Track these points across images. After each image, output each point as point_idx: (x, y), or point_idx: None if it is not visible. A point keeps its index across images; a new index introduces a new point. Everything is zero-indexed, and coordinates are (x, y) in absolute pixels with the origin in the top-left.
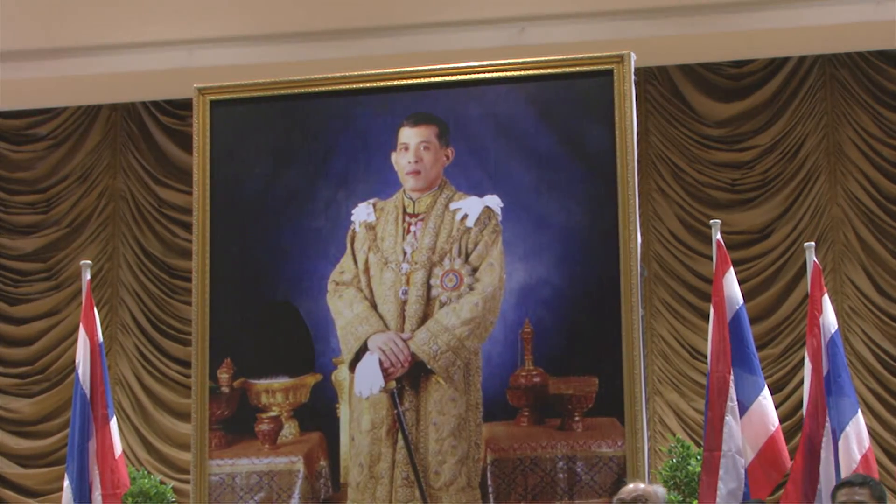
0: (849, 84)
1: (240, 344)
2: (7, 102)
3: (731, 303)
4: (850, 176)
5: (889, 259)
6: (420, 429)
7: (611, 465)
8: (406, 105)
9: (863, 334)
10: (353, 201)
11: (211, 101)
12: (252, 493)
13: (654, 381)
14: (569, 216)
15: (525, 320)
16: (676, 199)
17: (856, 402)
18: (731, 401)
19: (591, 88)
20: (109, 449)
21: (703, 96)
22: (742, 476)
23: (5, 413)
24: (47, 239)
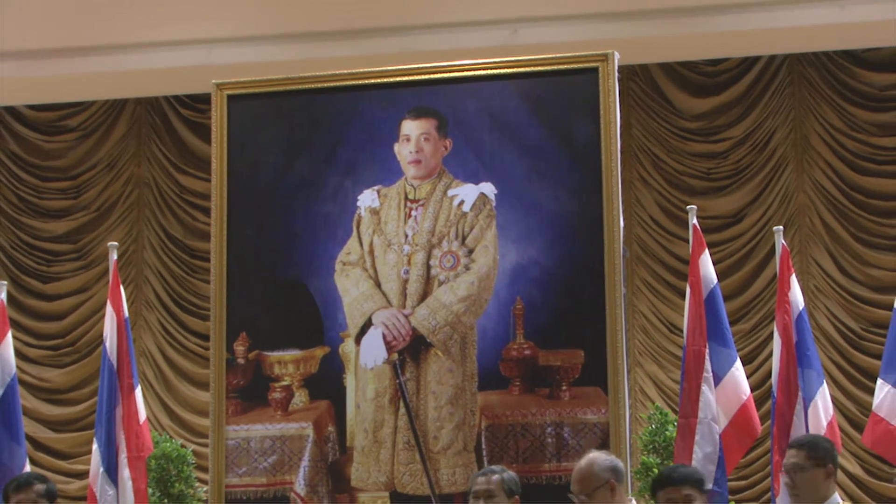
0: (815, 81)
1: (255, 319)
2: (40, 97)
3: (706, 282)
4: (816, 166)
5: (851, 242)
6: (420, 397)
7: (595, 430)
8: (408, 100)
9: (827, 311)
10: (358, 188)
11: (228, 95)
12: (265, 457)
13: (636, 354)
14: (557, 202)
15: (517, 298)
16: (656, 186)
17: (821, 374)
18: (707, 372)
19: (578, 85)
20: (134, 415)
21: (680, 92)
22: (717, 441)
23: (39, 382)
24: (77, 222)
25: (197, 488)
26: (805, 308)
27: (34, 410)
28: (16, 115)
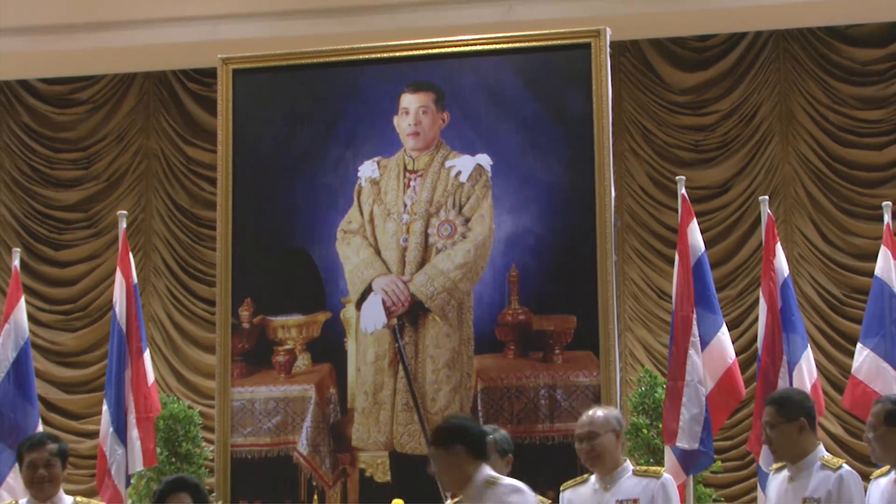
0: (800, 56)
1: (259, 285)
2: (51, 71)
3: (694, 250)
4: (800, 138)
5: (834, 211)
6: (418, 361)
7: (587, 392)
8: (407, 74)
9: (810, 278)
10: (359, 159)
11: (233, 70)
12: (269, 417)
13: (626, 319)
14: (551, 173)
15: (512, 265)
16: (646, 158)
17: (806, 339)
18: (694, 336)
19: (571, 60)
20: (143, 378)
21: (670, 67)
22: (703, 402)
23: (51, 345)
24: (88, 192)
25: (203, 448)
26: (790, 275)
27: (46, 372)
28: (28, 88)
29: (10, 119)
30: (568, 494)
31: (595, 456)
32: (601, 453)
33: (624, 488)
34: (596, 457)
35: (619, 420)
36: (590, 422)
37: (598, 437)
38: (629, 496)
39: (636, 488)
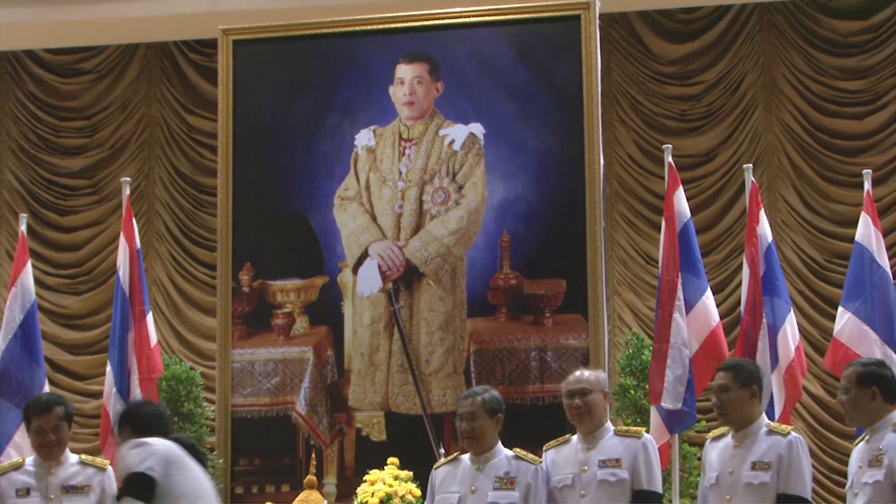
0: (783, 28)
1: (259, 250)
2: (57, 41)
3: (680, 216)
4: (784, 108)
5: (816, 179)
6: (413, 324)
7: (576, 354)
8: (402, 45)
9: (793, 244)
10: (356, 128)
11: (233, 40)
12: (268, 378)
13: (614, 284)
14: (541, 142)
15: (503, 231)
16: (634, 127)
17: (789, 303)
18: (679, 300)
19: (562, 31)
20: (146, 340)
21: (657, 38)
22: (687, 364)
23: (57, 308)
24: (92, 159)
25: (205, 408)
26: (773, 241)
27: (52, 335)
28: (34, 58)
29: (16, 88)
30: (550, 454)
31: (585, 412)
32: (591, 409)
33: (606, 448)
34: (586, 412)
35: (606, 382)
36: (582, 379)
37: (590, 394)
38: (611, 456)
39: (618, 448)
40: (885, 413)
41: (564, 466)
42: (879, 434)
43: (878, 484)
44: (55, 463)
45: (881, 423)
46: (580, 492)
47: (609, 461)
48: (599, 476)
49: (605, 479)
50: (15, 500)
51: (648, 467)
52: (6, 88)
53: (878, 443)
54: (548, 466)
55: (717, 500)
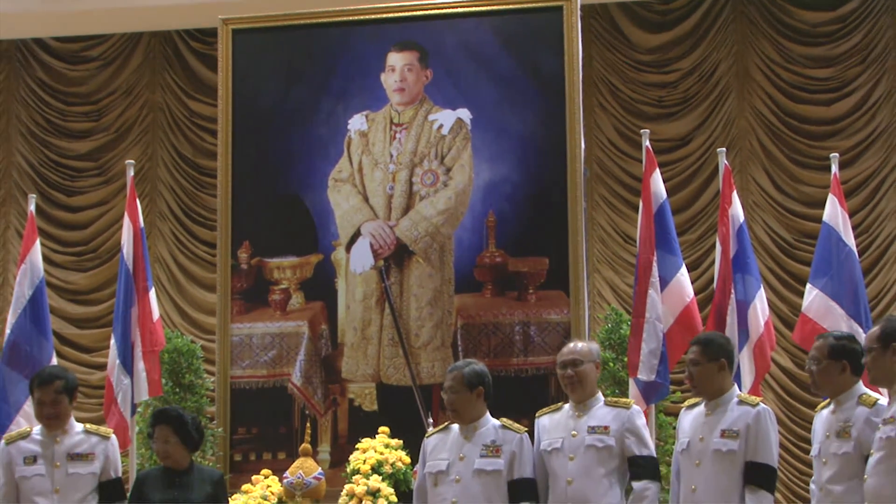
0: (755, 19)
1: (256, 229)
2: (64, 30)
3: (657, 197)
4: (755, 94)
5: (786, 162)
6: (403, 299)
7: (558, 328)
8: (393, 34)
9: (764, 224)
10: (349, 113)
11: (233, 29)
12: (266, 351)
13: (594, 262)
14: (526, 126)
15: (489, 211)
16: (613, 112)
17: (759, 279)
18: (654, 277)
19: (545, 22)
20: (149, 314)
21: (636, 28)
22: (661, 338)
23: (64, 284)
24: (98, 142)
25: (205, 379)
26: (745, 221)
27: (60, 309)
28: (43, 45)
29: (26, 75)
30: (544, 420)
31: (577, 381)
32: (582, 379)
33: (596, 416)
34: (577, 382)
35: (598, 353)
36: (575, 350)
37: (582, 365)
38: (601, 423)
39: (608, 416)
40: (852, 385)
41: (555, 431)
42: (846, 405)
43: (846, 455)
44: (60, 432)
45: (846, 395)
46: (569, 455)
47: (598, 428)
48: (587, 441)
49: (593, 444)
50: (23, 466)
51: (638, 435)
52: (16, 75)
53: (845, 414)
54: (540, 431)
55: (687, 464)
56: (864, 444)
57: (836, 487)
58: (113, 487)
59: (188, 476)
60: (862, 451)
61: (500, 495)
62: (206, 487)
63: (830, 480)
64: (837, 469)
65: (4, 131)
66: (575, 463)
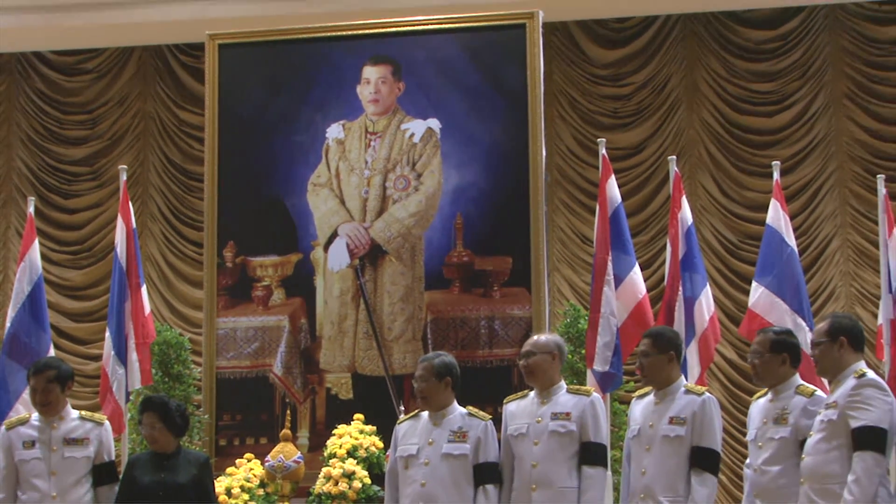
0: (703, 36)
1: (241, 229)
2: (62, 43)
3: (612, 202)
4: (703, 106)
5: (731, 169)
6: (377, 295)
7: (520, 323)
8: (369, 49)
9: (711, 226)
10: (327, 122)
11: (219, 44)
12: (249, 343)
13: (554, 261)
14: (491, 135)
15: (457, 213)
16: (572, 122)
17: (705, 278)
18: (609, 275)
19: (509, 38)
20: (140, 309)
21: (593, 45)
22: (614, 331)
23: (61, 281)
24: (93, 149)
25: (193, 369)
26: (693, 223)
27: (57, 304)
28: (42, 58)
29: (25, 85)
30: (511, 406)
31: (529, 371)
32: (534, 369)
33: (559, 403)
34: (530, 372)
35: (558, 345)
36: (531, 343)
37: (534, 356)
38: (563, 409)
39: (569, 403)
40: (790, 376)
41: (521, 417)
42: (783, 395)
43: (783, 439)
44: (57, 418)
45: (784, 385)
46: (533, 440)
47: (560, 414)
48: (551, 427)
49: (556, 429)
50: (21, 451)
51: (595, 422)
52: (16, 85)
53: (783, 402)
54: (507, 416)
55: (638, 449)
56: (801, 430)
57: (773, 468)
58: (106, 470)
59: (175, 459)
60: (797, 436)
61: (466, 478)
62: (192, 470)
63: (767, 462)
64: (773, 452)
65: (6, 138)
66: (539, 447)
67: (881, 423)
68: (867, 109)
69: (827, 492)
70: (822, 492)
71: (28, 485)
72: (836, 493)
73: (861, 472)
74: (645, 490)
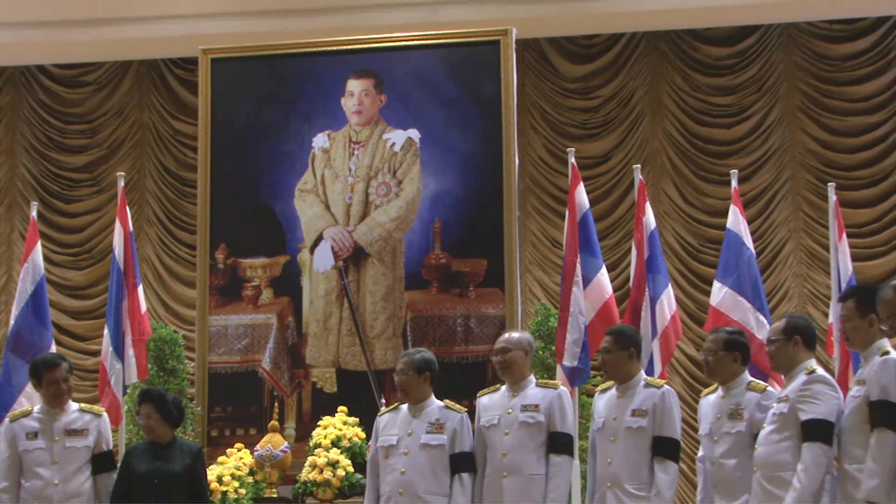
0: (666, 53)
1: (232, 233)
2: (63, 57)
3: (581, 207)
4: (666, 118)
5: (692, 177)
6: (360, 295)
7: (494, 321)
8: (352, 63)
9: (673, 231)
10: (313, 132)
11: (212, 58)
12: (239, 340)
13: (526, 263)
14: (468, 144)
15: (436, 218)
16: (544, 133)
17: (667, 278)
18: (578, 277)
19: (485, 53)
20: (137, 307)
21: (563, 60)
22: (583, 329)
23: (63, 281)
24: (93, 156)
25: (186, 364)
26: (656, 228)
27: (59, 303)
28: (44, 71)
29: (29, 97)
30: (483, 400)
31: (505, 367)
32: (510, 365)
33: (528, 395)
34: (506, 367)
35: (530, 342)
36: (506, 340)
37: (510, 352)
38: (532, 402)
39: (538, 396)
40: (741, 373)
41: (493, 409)
42: (735, 391)
43: (739, 433)
44: (59, 410)
45: (736, 382)
46: (504, 430)
47: (529, 406)
48: (521, 418)
49: (526, 420)
50: (25, 441)
51: (562, 413)
52: (20, 97)
53: (736, 399)
54: (480, 409)
55: (603, 441)
56: (755, 424)
57: (729, 461)
58: (105, 459)
59: (170, 449)
60: (752, 430)
61: (443, 466)
62: (186, 459)
63: (724, 455)
64: (730, 446)
65: (10, 146)
66: (510, 437)
67: (829, 417)
68: (819, 122)
69: (778, 479)
70: (773, 479)
71: (32, 473)
72: (785, 481)
73: (809, 462)
74: (611, 478)
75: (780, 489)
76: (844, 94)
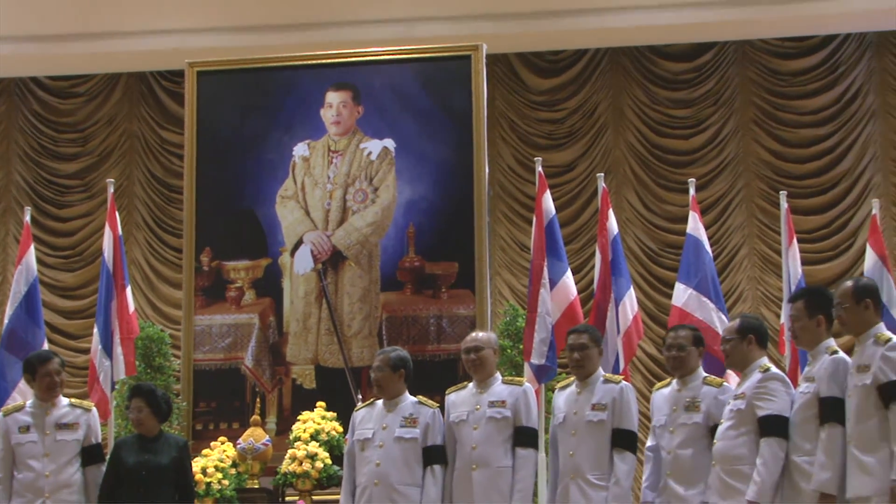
0: (628, 68)
1: (216, 237)
2: (56, 69)
3: (547, 213)
4: (628, 129)
5: (652, 185)
6: (338, 296)
7: (465, 321)
8: (331, 76)
9: (634, 236)
10: (294, 141)
11: (198, 71)
12: (223, 339)
13: (496, 266)
14: (440, 154)
15: (410, 224)
16: (512, 143)
17: (629, 281)
18: (545, 279)
19: (457, 67)
20: (125, 307)
21: (531, 74)
22: (550, 329)
23: (55, 282)
24: (84, 164)
25: (172, 362)
26: (618, 233)
27: (51, 303)
28: (38, 83)
29: (23, 107)
30: (452, 397)
31: (478, 364)
32: (483, 362)
33: (495, 392)
34: (479, 365)
35: (496, 341)
36: (476, 338)
37: (482, 350)
38: (499, 398)
39: (504, 392)
40: (698, 367)
41: (461, 405)
42: (692, 385)
43: (696, 425)
44: (51, 404)
45: (692, 376)
46: (473, 425)
47: (497, 402)
48: (488, 413)
49: (493, 415)
50: (18, 435)
51: (527, 409)
52: (15, 107)
53: (692, 392)
54: (449, 405)
55: (564, 435)
56: (712, 417)
57: (685, 451)
58: (94, 451)
59: (158, 442)
60: (708, 422)
61: (416, 458)
62: (172, 452)
63: (680, 445)
64: (686, 436)
65: (5, 154)
66: (478, 432)
67: (783, 412)
68: (771, 133)
69: (737, 472)
70: (731, 472)
71: (24, 465)
72: (744, 474)
73: (768, 456)
74: (574, 470)
75: (738, 482)
76: (795, 108)
